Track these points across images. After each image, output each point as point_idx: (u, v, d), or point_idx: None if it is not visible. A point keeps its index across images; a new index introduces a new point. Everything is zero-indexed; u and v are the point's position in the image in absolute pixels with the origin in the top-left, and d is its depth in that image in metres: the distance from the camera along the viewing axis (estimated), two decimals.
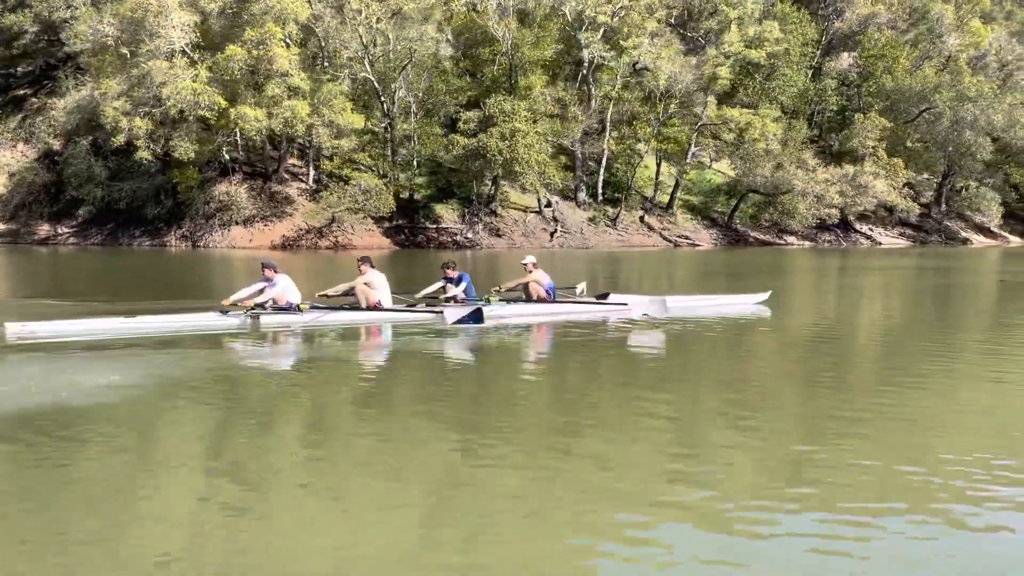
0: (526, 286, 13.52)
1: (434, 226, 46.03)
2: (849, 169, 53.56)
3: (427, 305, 12.52)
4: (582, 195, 53.48)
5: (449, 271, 13.05)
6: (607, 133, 52.76)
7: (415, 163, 44.97)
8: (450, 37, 42.85)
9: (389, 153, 44.22)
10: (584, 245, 48.68)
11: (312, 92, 39.96)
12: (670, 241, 52.78)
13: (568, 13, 49.51)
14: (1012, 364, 9.39)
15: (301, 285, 12.30)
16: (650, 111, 51.65)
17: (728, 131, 52.60)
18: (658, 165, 55.39)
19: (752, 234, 57.31)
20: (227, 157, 42.98)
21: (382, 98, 43.08)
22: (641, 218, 54.60)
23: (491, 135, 39.86)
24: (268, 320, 11.35)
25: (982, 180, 63.45)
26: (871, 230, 62.40)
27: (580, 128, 48.15)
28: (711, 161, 63.41)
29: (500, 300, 13.02)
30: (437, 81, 42.06)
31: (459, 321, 11.28)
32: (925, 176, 66.96)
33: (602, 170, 54.02)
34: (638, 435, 6.00)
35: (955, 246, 61.31)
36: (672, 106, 52.46)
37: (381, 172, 44.89)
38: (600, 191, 54.23)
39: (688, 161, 55.50)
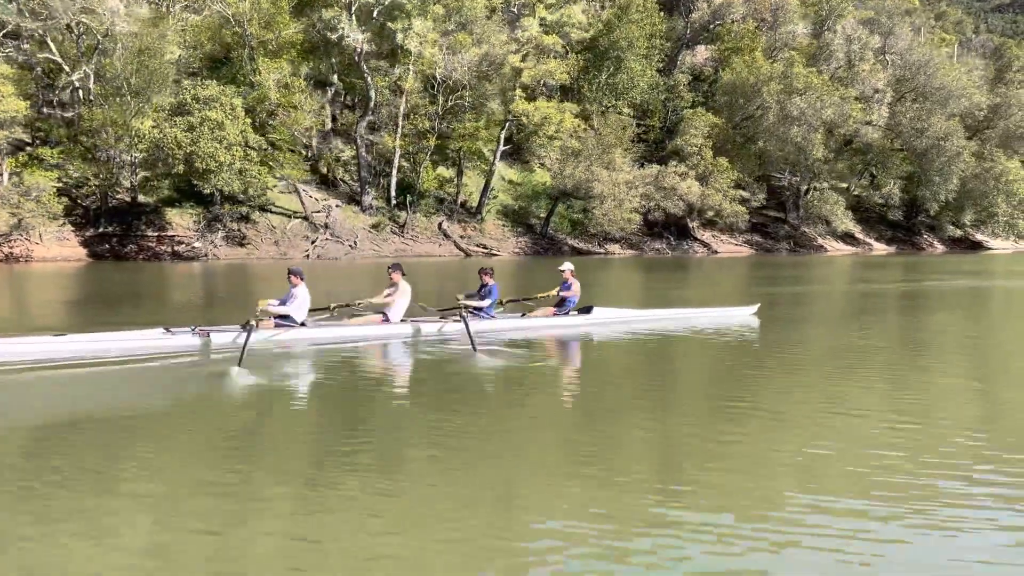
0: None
1: (155, 234, 39.60)
2: (653, 169, 47.82)
3: (441, 316, 12.04)
4: (368, 198, 47.30)
5: (486, 277, 12.54)
6: (399, 130, 46.78)
7: (131, 159, 38.42)
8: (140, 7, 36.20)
9: (89, 148, 37.63)
10: (349, 255, 42.52)
11: None
12: (463, 251, 46.70)
13: None
14: None
15: None
16: (431, 104, 45.66)
17: (525, 127, 46.65)
18: (459, 164, 49.36)
19: (570, 242, 51.46)
20: None
21: (72, 80, 36.62)
22: (440, 225, 48.56)
23: (175, 125, 33.45)
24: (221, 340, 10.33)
25: (832, 183, 58.10)
26: (714, 237, 56.90)
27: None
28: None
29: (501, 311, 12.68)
30: (130, 61, 35.47)
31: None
32: (796, 179, 61.65)
33: (394, 171, 47.96)
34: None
35: (805, 255, 55.90)
36: (462, 99, 46.51)
37: (95, 172, 38.39)
38: (393, 194, 48.15)
39: (495, 163, 49.62)
